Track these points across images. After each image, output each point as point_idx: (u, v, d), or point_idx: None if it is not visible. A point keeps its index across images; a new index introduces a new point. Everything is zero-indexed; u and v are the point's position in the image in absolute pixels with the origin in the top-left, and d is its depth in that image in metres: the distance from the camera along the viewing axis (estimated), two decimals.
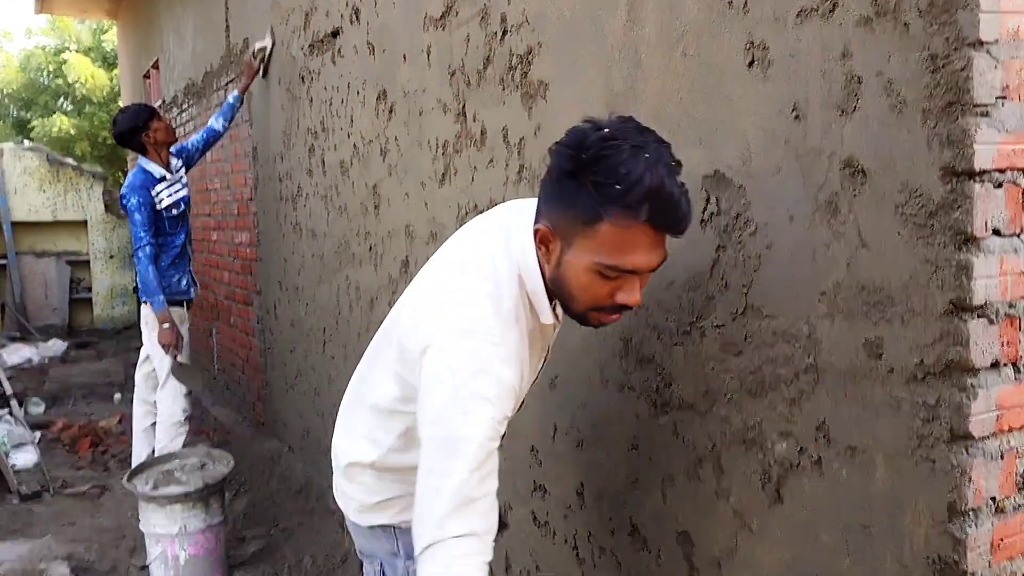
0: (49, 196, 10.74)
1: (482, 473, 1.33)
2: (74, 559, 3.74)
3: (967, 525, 1.25)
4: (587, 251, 1.33)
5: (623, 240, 1.30)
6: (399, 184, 3.12)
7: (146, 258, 4.16)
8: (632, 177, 1.25)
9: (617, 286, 1.36)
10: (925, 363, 1.27)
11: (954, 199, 1.21)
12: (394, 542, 1.67)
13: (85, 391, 7.35)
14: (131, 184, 4.24)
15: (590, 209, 1.30)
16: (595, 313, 1.41)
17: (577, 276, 1.36)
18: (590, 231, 1.31)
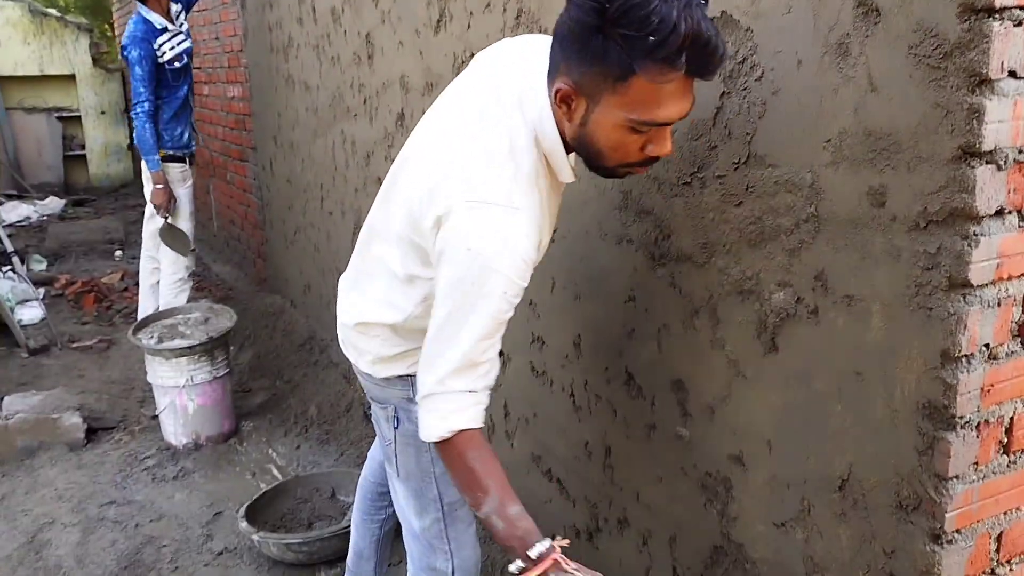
0: (34, 49, 10.41)
1: (489, 342, 1.39)
2: (86, 409, 3.84)
3: (959, 371, 1.26)
4: (618, 107, 1.26)
5: (658, 94, 1.23)
6: (393, 32, 3.01)
7: (144, 114, 4.05)
8: (666, 26, 1.15)
9: (648, 139, 1.32)
10: (928, 211, 1.25)
11: (971, 38, 1.16)
12: (409, 389, 1.69)
13: (85, 248, 7.37)
14: (131, 35, 4.04)
15: (621, 64, 1.21)
16: (624, 168, 1.39)
17: (607, 134, 1.31)
18: (621, 87, 1.23)
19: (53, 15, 10.62)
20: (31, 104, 10.56)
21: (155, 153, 4.10)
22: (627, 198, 1.91)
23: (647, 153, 1.34)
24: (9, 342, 4.88)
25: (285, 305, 5.03)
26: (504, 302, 1.37)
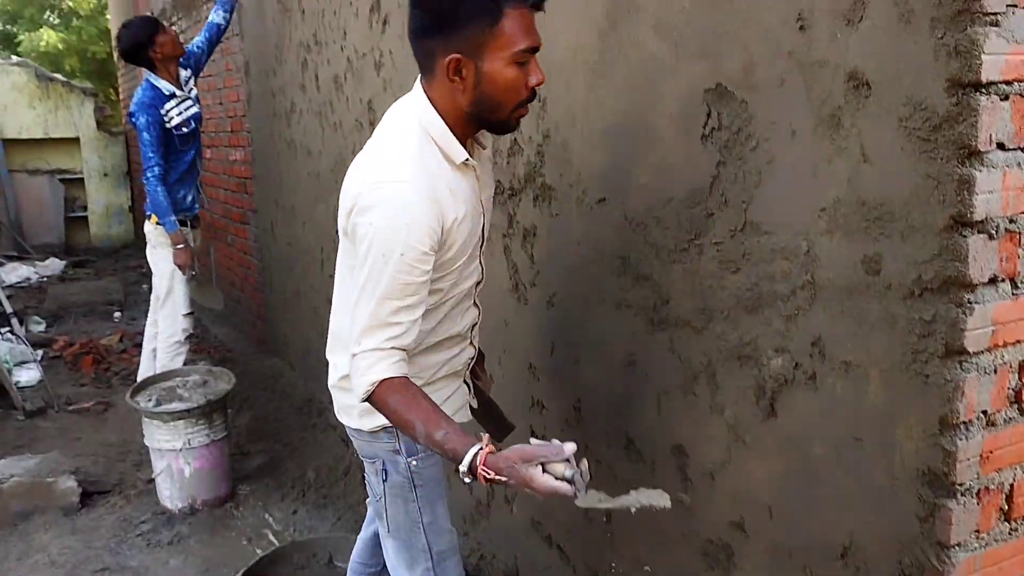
0: (40, 113, 10.56)
1: (395, 304, 1.54)
2: (81, 472, 3.81)
3: (958, 438, 1.27)
4: (500, 49, 1.49)
5: (522, 24, 1.49)
6: (394, 99, 3.06)
7: (155, 179, 4.08)
8: None
9: (528, 72, 1.53)
10: (923, 279, 1.27)
11: (959, 112, 1.19)
12: (395, 441, 1.76)
13: (85, 309, 7.37)
14: (140, 101, 4.09)
15: (488, 13, 1.47)
16: (518, 111, 1.58)
17: (502, 77, 1.52)
18: (497, 31, 1.48)
19: (59, 80, 10.80)
20: (34, 166, 10.67)
21: (171, 215, 4.12)
22: (625, 263, 1.94)
23: (530, 84, 1.54)
24: (6, 404, 4.85)
25: (284, 367, 5.02)
26: (404, 264, 1.51)
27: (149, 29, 4.13)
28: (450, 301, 1.73)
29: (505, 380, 2.57)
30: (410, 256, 1.51)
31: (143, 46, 4.09)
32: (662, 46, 1.73)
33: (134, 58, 4.15)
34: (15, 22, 16.64)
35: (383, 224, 1.52)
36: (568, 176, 2.11)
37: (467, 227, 1.63)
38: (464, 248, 1.65)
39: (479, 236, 1.72)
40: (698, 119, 1.66)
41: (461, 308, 1.78)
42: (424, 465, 1.78)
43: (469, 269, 1.73)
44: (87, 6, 14.93)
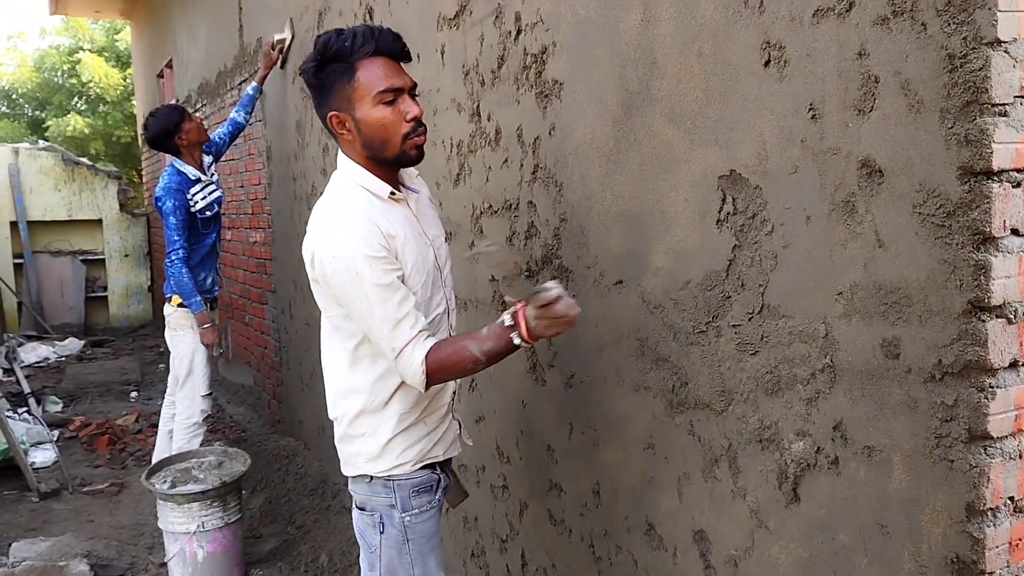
0: (64, 195, 10.81)
1: (394, 299, 1.74)
2: (93, 556, 3.77)
3: (985, 525, 1.25)
4: (364, 96, 1.75)
5: (376, 72, 1.74)
6: None
7: (180, 261, 4.16)
8: (350, 35, 1.74)
9: (401, 109, 1.76)
10: (943, 363, 1.27)
11: (972, 199, 1.21)
12: (392, 495, 1.93)
13: (102, 389, 7.40)
14: (167, 187, 4.20)
15: (344, 72, 1.74)
16: (408, 141, 1.78)
17: (374, 119, 1.76)
18: (355, 84, 1.74)
19: (84, 164, 11.07)
20: (57, 247, 10.86)
21: (196, 296, 4.19)
22: (643, 345, 1.94)
23: (408, 118, 1.77)
24: (20, 485, 4.84)
25: (299, 448, 5.00)
26: (373, 269, 1.72)
27: (176, 117, 4.26)
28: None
29: (523, 462, 2.55)
30: (376, 263, 1.72)
31: (170, 133, 4.22)
32: (676, 134, 1.77)
33: (161, 145, 4.28)
34: (44, 108, 17.15)
35: (338, 252, 1.74)
36: (585, 258, 2.13)
37: (412, 250, 1.82)
38: (417, 270, 1.82)
39: (433, 265, 1.90)
40: (713, 204, 1.69)
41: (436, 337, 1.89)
42: (417, 520, 1.94)
43: (434, 298, 1.91)
44: (114, 93, 15.39)
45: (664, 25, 1.78)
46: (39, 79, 16.99)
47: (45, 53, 17.25)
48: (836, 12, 1.39)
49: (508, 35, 2.38)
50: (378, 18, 3.32)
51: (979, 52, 1.19)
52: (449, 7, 2.71)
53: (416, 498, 1.95)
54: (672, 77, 1.77)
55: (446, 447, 2.02)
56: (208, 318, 4.24)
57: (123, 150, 15.77)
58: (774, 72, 1.52)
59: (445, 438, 2.01)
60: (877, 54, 1.33)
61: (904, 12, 1.28)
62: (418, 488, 1.95)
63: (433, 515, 1.98)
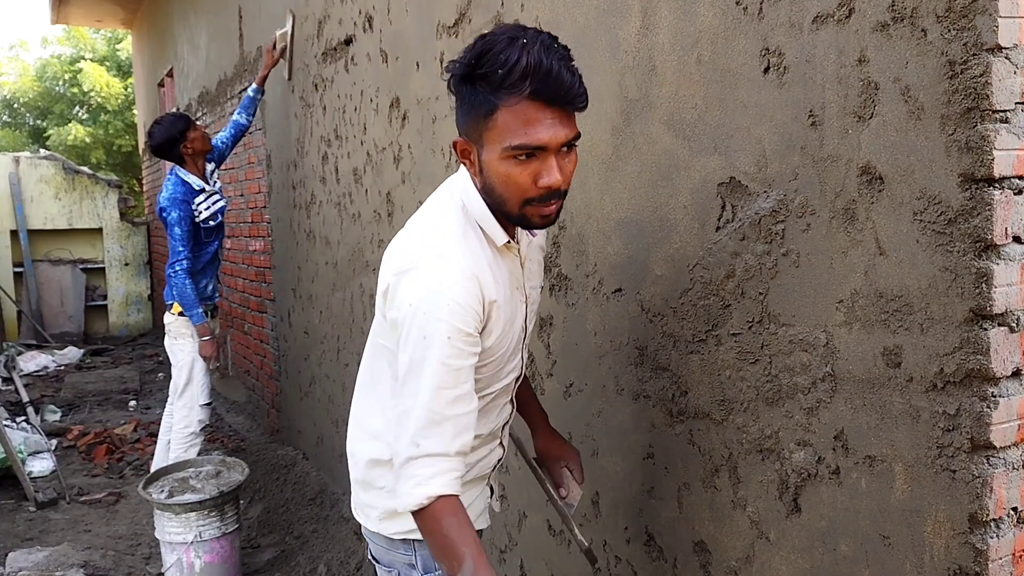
0: (65, 204, 10.82)
1: (450, 393, 1.41)
2: (90, 566, 3.75)
3: (988, 536, 1.24)
4: (495, 141, 1.39)
5: (520, 120, 1.36)
6: (412, 192, 3.13)
7: (183, 272, 4.14)
8: (511, 60, 1.33)
9: (536, 170, 1.40)
10: (945, 372, 1.26)
11: (973, 206, 1.20)
12: (413, 555, 1.67)
13: (100, 398, 7.39)
14: (171, 197, 4.18)
15: (485, 102, 1.38)
16: (530, 208, 1.44)
17: (497, 171, 1.41)
18: (491, 122, 1.38)
19: (85, 172, 11.08)
20: (57, 256, 10.86)
21: (198, 307, 4.18)
22: (643, 354, 1.93)
23: (540, 184, 1.40)
24: (18, 495, 4.82)
25: (297, 457, 4.98)
26: (450, 347, 1.40)
27: (181, 125, 4.25)
28: (487, 396, 1.60)
29: (522, 472, 2.54)
30: (456, 337, 1.40)
31: (175, 142, 4.21)
32: (675, 141, 1.76)
33: (165, 153, 4.26)
34: (45, 117, 17.19)
35: (422, 305, 1.41)
36: (584, 267, 2.12)
37: (505, 314, 1.53)
38: (503, 338, 1.54)
39: (521, 327, 1.62)
40: (712, 211, 1.68)
41: (498, 404, 1.67)
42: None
43: (511, 363, 1.63)
44: (115, 102, 15.43)
45: (663, 32, 1.77)
46: (40, 88, 17.03)
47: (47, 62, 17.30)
48: (836, 18, 1.38)
49: None
50: (377, 26, 3.32)
51: (980, 58, 1.18)
52: (448, 15, 2.71)
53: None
54: (671, 84, 1.76)
55: (474, 516, 1.69)
56: (208, 330, 4.22)
57: (124, 159, 15.80)
58: (773, 79, 1.51)
59: (474, 506, 1.72)
60: (877, 60, 1.32)
61: (904, 18, 1.27)
62: None
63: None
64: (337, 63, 3.85)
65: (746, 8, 1.56)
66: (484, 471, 1.74)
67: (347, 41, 3.71)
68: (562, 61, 1.36)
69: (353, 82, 3.67)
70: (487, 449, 1.72)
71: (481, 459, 1.71)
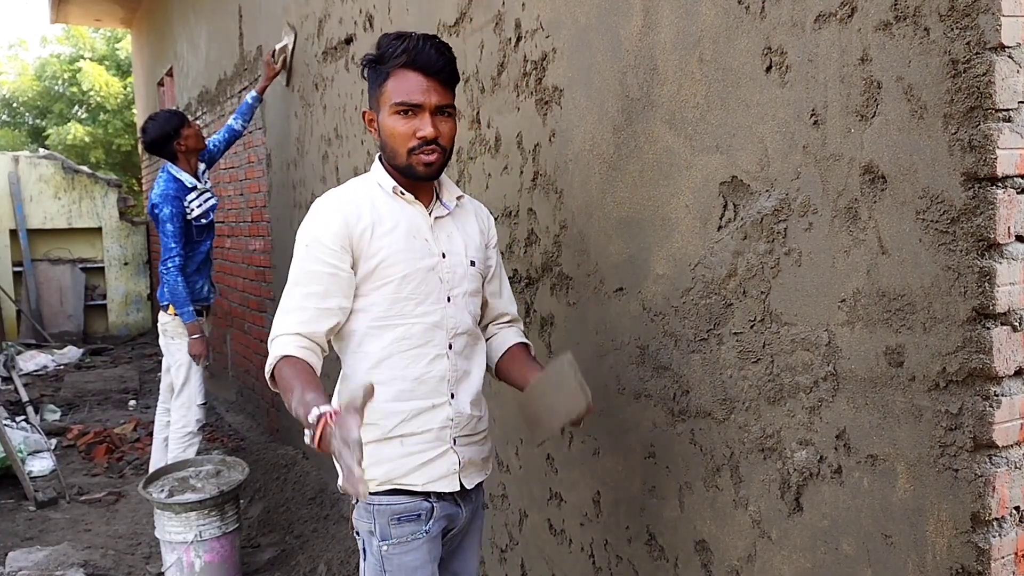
0: (64, 203, 10.81)
1: (302, 291, 1.76)
2: (90, 566, 3.74)
3: (991, 535, 1.24)
4: (387, 104, 1.78)
5: (403, 83, 1.77)
6: None
7: (176, 269, 4.14)
8: (397, 44, 1.77)
9: (415, 125, 1.77)
10: (947, 371, 1.26)
11: (976, 205, 1.20)
12: (372, 521, 1.82)
13: (100, 398, 7.38)
14: (163, 193, 4.18)
15: (380, 75, 1.80)
16: (414, 157, 1.78)
17: (388, 125, 1.79)
18: (384, 89, 1.79)
19: (84, 172, 11.07)
20: (56, 255, 10.85)
21: (189, 305, 4.17)
22: (644, 353, 1.93)
23: (418, 135, 1.77)
24: (17, 494, 4.81)
25: (297, 456, 4.97)
26: (307, 253, 1.76)
27: (176, 122, 4.24)
28: (399, 329, 1.81)
29: (523, 471, 2.53)
30: (315, 249, 1.75)
31: (169, 138, 4.20)
32: (677, 140, 1.76)
33: (158, 150, 4.26)
34: (44, 116, 17.17)
35: (301, 227, 1.81)
36: (585, 266, 2.12)
37: (398, 243, 1.80)
38: (392, 263, 1.78)
39: (433, 271, 1.84)
40: (714, 210, 1.68)
41: (422, 352, 1.82)
42: (394, 552, 1.80)
43: (423, 304, 1.82)
44: (114, 101, 15.41)
45: (665, 31, 1.77)
46: (40, 87, 17.01)
47: (46, 62, 17.28)
48: (838, 17, 1.38)
49: (508, 42, 2.38)
50: (378, 26, 3.31)
51: (983, 57, 1.18)
52: (449, 14, 2.70)
53: (397, 527, 1.80)
54: (673, 83, 1.76)
55: (430, 478, 1.82)
56: (198, 328, 4.21)
57: (123, 158, 15.78)
58: (775, 78, 1.51)
59: (431, 468, 1.83)
60: (879, 59, 1.32)
61: (907, 17, 1.27)
62: (400, 516, 1.80)
63: (417, 547, 1.81)
64: (337, 62, 3.85)
65: (748, 7, 1.56)
66: (427, 428, 1.82)
67: (347, 40, 3.70)
68: (436, 47, 1.78)
69: (354, 81, 3.66)
70: (427, 401, 1.82)
71: (421, 412, 1.82)
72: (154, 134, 4.22)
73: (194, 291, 4.31)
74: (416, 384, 1.82)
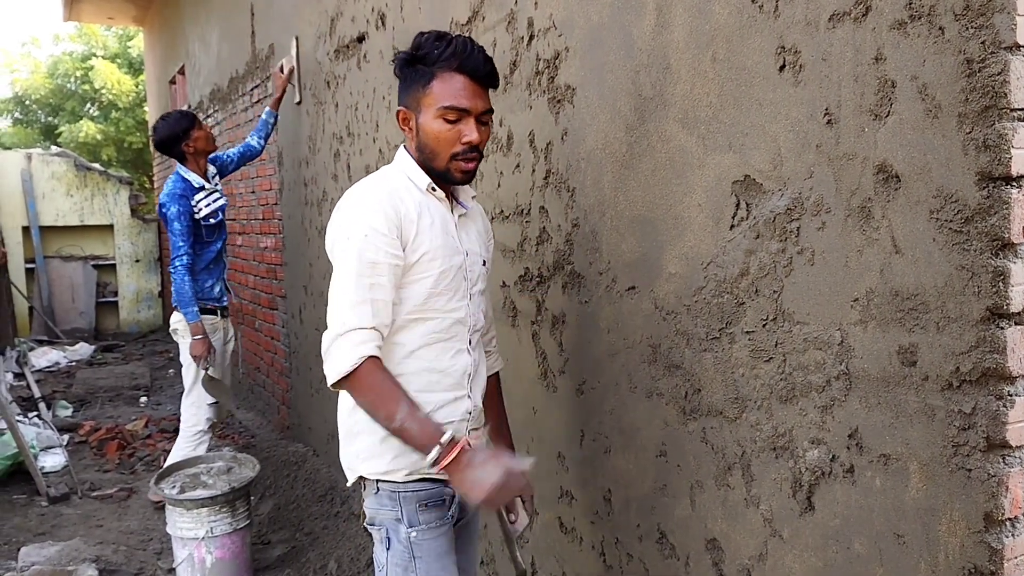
0: (76, 201, 10.87)
1: (367, 281, 1.70)
2: (102, 561, 3.77)
3: (1004, 535, 1.24)
4: (430, 105, 1.75)
5: (450, 86, 1.74)
6: None
7: (183, 267, 4.15)
8: (442, 45, 1.74)
9: (460, 130, 1.75)
10: (961, 371, 1.25)
11: (990, 204, 1.20)
12: (399, 508, 1.83)
13: (112, 394, 7.42)
14: (171, 192, 4.21)
15: (424, 75, 1.76)
16: (454, 163, 1.78)
17: (431, 128, 1.76)
18: (428, 90, 1.75)
19: (96, 169, 11.13)
20: (68, 252, 10.92)
21: (193, 305, 4.18)
22: (656, 352, 1.93)
23: (463, 141, 1.75)
24: (30, 490, 4.84)
25: (307, 454, 4.99)
26: (366, 241, 1.70)
27: (186, 123, 4.27)
28: (431, 323, 1.82)
29: (534, 469, 2.54)
30: (375, 238, 1.70)
31: (178, 139, 4.23)
32: (690, 139, 1.76)
33: (167, 149, 4.29)
34: (56, 114, 17.26)
35: (345, 218, 1.75)
36: (597, 264, 2.12)
37: (436, 240, 1.79)
38: (436, 257, 1.78)
39: (461, 269, 1.85)
40: (727, 209, 1.68)
41: (448, 345, 1.85)
42: (425, 537, 1.83)
43: (452, 300, 1.83)
44: (126, 99, 15.48)
45: (678, 30, 1.77)
46: (52, 85, 17.10)
47: (58, 59, 17.37)
48: (852, 16, 1.38)
49: (520, 40, 2.38)
50: (390, 24, 3.32)
51: (998, 56, 1.18)
52: (461, 13, 2.71)
53: (424, 512, 1.83)
54: (686, 82, 1.76)
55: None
56: (201, 329, 4.21)
57: (135, 156, 15.85)
58: (789, 77, 1.51)
59: None
60: (894, 58, 1.32)
61: (921, 16, 1.27)
62: (426, 502, 1.83)
63: (444, 532, 1.86)
64: (349, 60, 3.86)
65: (762, 6, 1.56)
66: (452, 418, 1.86)
67: (360, 38, 3.71)
68: (482, 51, 1.76)
69: (365, 79, 3.67)
70: (451, 394, 1.86)
71: (446, 404, 1.85)
72: (163, 134, 4.26)
73: (204, 290, 4.33)
74: (442, 376, 1.85)
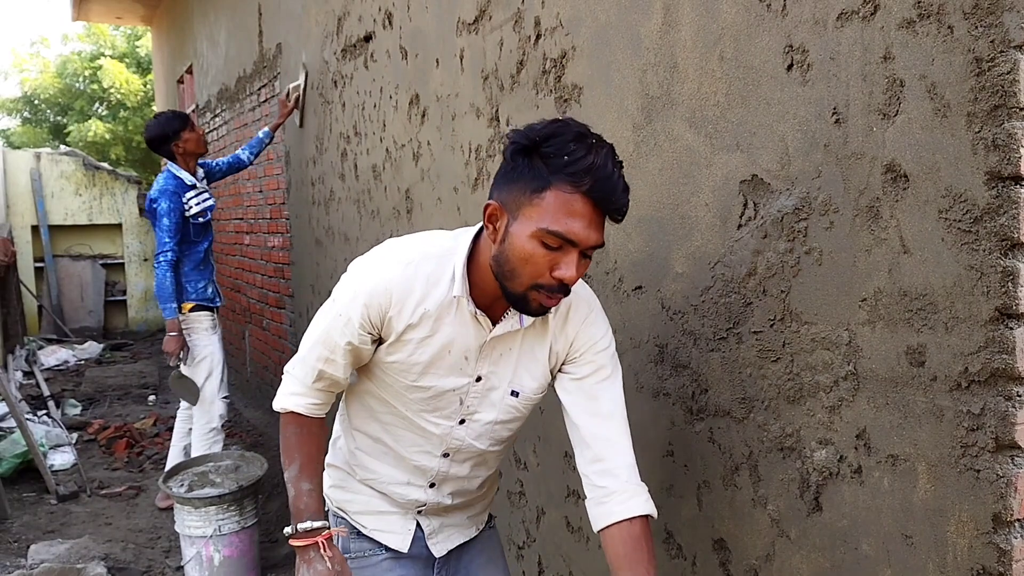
0: (85, 200, 10.92)
1: (324, 352, 1.61)
2: (111, 559, 3.78)
3: (1012, 536, 1.23)
4: (532, 219, 1.39)
5: (566, 208, 1.37)
6: (432, 189, 3.13)
7: (167, 263, 4.19)
8: (578, 153, 1.37)
9: (556, 259, 1.41)
10: (969, 371, 1.25)
11: (1000, 204, 1.19)
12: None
13: (120, 393, 7.45)
14: (162, 189, 4.25)
15: (539, 179, 1.39)
16: (535, 293, 1.45)
17: (521, 245, 1.41)
18: (536, 198, 1.39)
19: (105, 168, 11.18)
20: (77, 251, 10.96)
21: (172, 302, 4.21)
22: (663, 351, 1.93)
23: (555, 274, 1.42)
24: (39, 488, 4.87)
25: None
26: (335, 320, 1.58)
27: (177, 124, 4.33)
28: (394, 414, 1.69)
29: (540, 469, 2.54)
30: (345, 324, 1.56)
31: (167, 139, 4.30)
32: (697, 138, 1.76)
33: (157, 148, 4.38)
34: (65, 113, 17.33)
35: (345, 277, 1.60)
36: (604, 264, 2.12)
37: (423, 355, 1.58)
38: (413, 366, 1.59)
39: (450, 395, 1.63)
40: (734, 209, 1.67)
41: (415, 439, 1.70)
42: (352, 566, 1.73)
43: (431, 415, 1.66)
44: (134, 98, 15.54)
45: (685, 29, 1.77)
46: (61, 85, 17.18)
47: (67, 59, 17.45)
48: (860, 15, 1.37)
49: (527, 40, 2.38)
50: (397, 23, 3.33)
51: (1007, 55, 1.17)
52: (468, 12, 2.71)
53: (354, 541, 1.79)
54: (693, 81, 1.76)
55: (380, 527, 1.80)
56: (176, 326, 4.25)
57: (143, 155, 15.92)
58: (797, 76, 1.50)
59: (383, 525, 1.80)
60: (902, 57, 1.31)
61: (930, 15, 1.26)
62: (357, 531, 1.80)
63: (374, 565, 1.77)
64: (356, 59, 3.86)
65: (769, 5, 1.55)
66: (397, 495, 1.77)
67: (367, 38, 3.72)
68: (620, 173, 1.40)
69: (372, 79, 3.68)
70: (403, 475, 1.76)
71: (395, 480, 1.76)
72: (154, 132, 4.34)
73: (198, 290, 4.37)
74: (398, 460, 1.75)
